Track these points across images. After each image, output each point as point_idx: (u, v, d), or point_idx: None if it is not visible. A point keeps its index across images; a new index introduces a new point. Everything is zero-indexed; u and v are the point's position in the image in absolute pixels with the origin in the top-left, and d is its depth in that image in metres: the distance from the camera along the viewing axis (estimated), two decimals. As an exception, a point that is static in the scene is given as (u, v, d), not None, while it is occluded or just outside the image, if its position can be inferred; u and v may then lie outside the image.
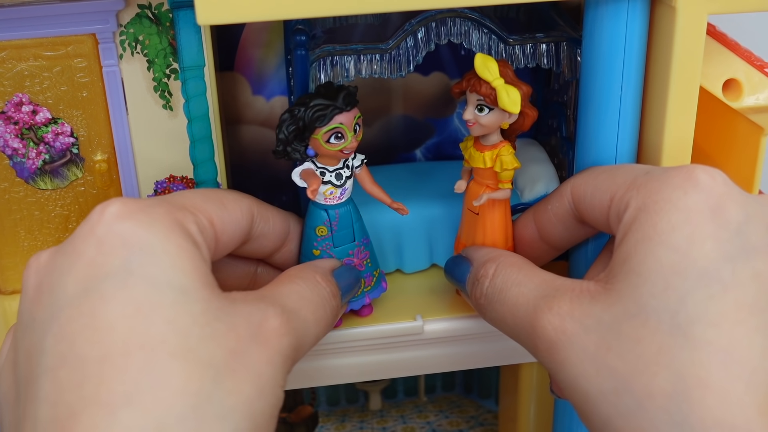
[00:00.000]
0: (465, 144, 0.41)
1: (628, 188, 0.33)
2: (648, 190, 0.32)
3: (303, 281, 0.36)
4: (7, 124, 0.42)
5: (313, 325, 0.35)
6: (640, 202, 0.32)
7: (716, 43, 0.46)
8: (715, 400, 0.29)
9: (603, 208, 0.35)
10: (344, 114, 0.37)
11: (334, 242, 0.40)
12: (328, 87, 0.38)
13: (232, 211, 0.36)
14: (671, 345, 0.30)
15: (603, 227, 0.36)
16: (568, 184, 0.38)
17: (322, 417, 0.67)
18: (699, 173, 0.32)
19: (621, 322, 0.31)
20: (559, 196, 0.38)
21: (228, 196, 0.36)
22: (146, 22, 0.40)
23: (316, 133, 0.37)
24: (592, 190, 0.36)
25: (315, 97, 0.37)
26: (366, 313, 0.43)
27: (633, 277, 0.31)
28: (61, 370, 0.29)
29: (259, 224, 0.38)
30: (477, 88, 0.37)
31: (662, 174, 0.33)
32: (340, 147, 0.38)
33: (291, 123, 0.37)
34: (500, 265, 0.37)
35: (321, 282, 0.37)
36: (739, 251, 0.31)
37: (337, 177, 0.39)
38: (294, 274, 0.36)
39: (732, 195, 0.31)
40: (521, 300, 0.35)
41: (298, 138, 0.38)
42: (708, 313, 0.30)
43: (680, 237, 0.31)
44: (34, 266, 0.32)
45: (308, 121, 0.37)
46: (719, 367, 0.29)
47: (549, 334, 0.33)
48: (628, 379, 0.30)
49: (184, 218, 0.32)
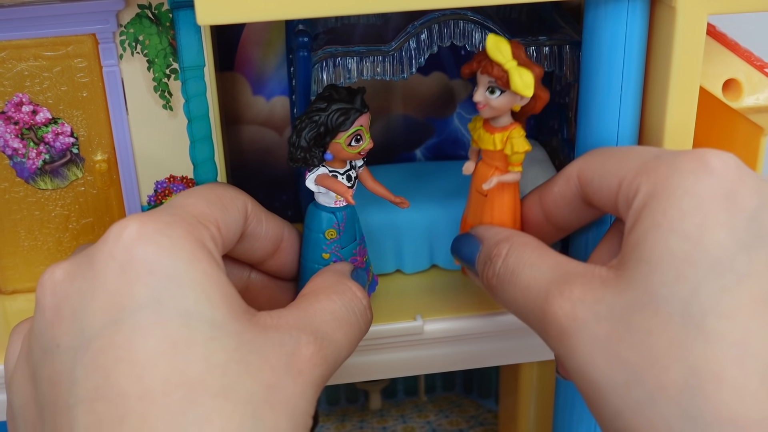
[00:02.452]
0: (474, 124, 0.39)
1: (637, 173, 0.32)
2: (658, 175, 0.31)
3: (339, 297, 0.35)
4: (7, 124, 0.42)
5: (345, 347, 0.34)
6: (651, 187, 0.31)
7: (716, 43, 0.46)
8: (730, 395, 0.28)
9: (611, 193, 0.34)
10: (363, 116, 0.37)
11: (342, 243, 0.40)
12: (339, 90, 0.37)
13: (231, 210, 0.36)
14: (683, 337, 0.29)
15: (611, 211, 0.35)
16: (575, 166, 0.37)
17: (322, 417, 0.67)
18: (711, 157, 0.30)
19: (632, 311, 0.30)
20: (565, 178, 0.37)
21: (226, 194, 0.36)
22: (146, 22, 0.40)
23: (339, 138, 0.37)
24: (600, 173, 0.35)
25: (333, 102, 0.37)
26: None
27: (643, 266, 0.30)
28: (98, 403, 0.29)
29: (251, 223, 0.38)
30: (489, 69, 0.36)
31: (673, 158, 0.32)
32: (360, 149, 0.38)
33: (311, 129, 0.37)
34: (513, 245, 0.36)
35: (358, 294, 0.36)
36: (754, 239, 0.30)
37: (348, 179, 0.39)
38: (329, 287, 0.35)
39: (746, 180, 0.30)
40: (533, 282, 0.34)
41: (317, 143, 0.38)
42: (721, 304, 0.29)
43: (692, 224, 0.30)
44: (50, 285, 0.31)
45: (332, 125, 0.37)
46: (733, 361, 0.28)
47: (560, 320, 0.32)
48: (640, 371, 0.30)
49: (202, 236, 0.32)
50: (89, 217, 0.45)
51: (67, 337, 0.30)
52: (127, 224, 0.30)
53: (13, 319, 0.45)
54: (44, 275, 0.32)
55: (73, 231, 0.45)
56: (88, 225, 0.45)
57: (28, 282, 0.46)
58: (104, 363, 0.29)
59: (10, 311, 0.45)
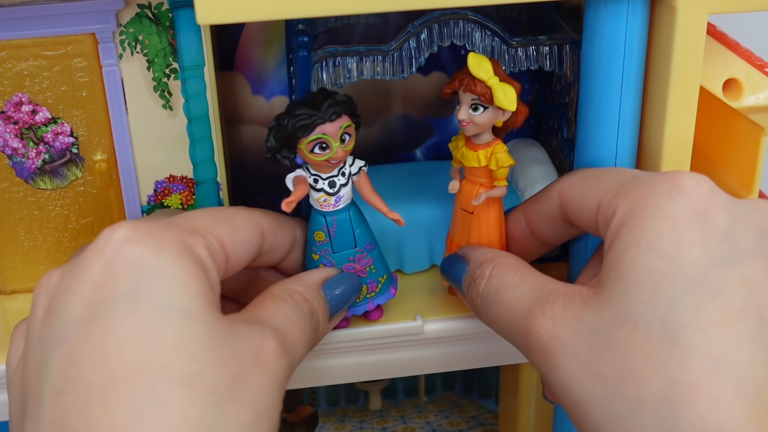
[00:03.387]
0: (455, 144, 0.40)
1: (615, 194, 0.33)
2: (635, 196, 0.32)
3: (284, 301, 0.36)
4: (6, 124, 0.42)
5: (300, 345, 0.35)
6: (628, 207, 0.32)
7: (716, 42, 0.46)
8: (705, 406, 0.29)
9: (591, 213, 0.35)
10: (328, 124, 0.36)
11: (333, 248, 0.39)
12: (317, 95, 0.37)
13: (243, 230, 0.36)
14: (661, 351, 0.30)
15: (591, 230, 0.36)
16: (556, 186, 0.38)
17: (322, 417, 0.67)
18: (685, 180, 0.32)
19: (611, 327, 0.31)
20: (547, 197, 0.39)
21: (238, 215, 0.36)
22: (146, 21, 0.40)
23: (300, 143, 0.37)
24: (580, 195, 0.36)
25: (300, 107, 0.36)
26: (375, 317, 0.42)
27: (622, 282, 0.31)
28: (66, 394, 0.29)
29: (269, 240, 0.38)
30: (471, 87, 0.37)
31: (649, 180, 0.33)
32: (326, 157, 0.37)
33: (277, 131, 0.37)
34: (497, 266, 0.37)
35: (301, 299, 0.36)
36: (727, 257, 0.31)
37: (330, 185, 0.38)
38: (276, 293, 0.36)
39: (718, 201, 0.32)
40: (516, 302, 0.35)
41: (287, 146, 0.37)
42: (697, 318, 0.30)
43: (668, 243, 0.31)
44: (44, 288, 0.32)
45: (291, 131, 0.36)
46: (708, 373, 0.29)
47: (542, 338, 0.33)
48: (619, 384, 0.30)
49: (194, 243, 0.32)
50: (89, 217, 0.45)
51: (49, 333, 0.31)
52: (119, 226, 0.31)
53: (12, 319, 0.44)
54: (42, 278, 0.33)
55: (73, 231, 0.45)
56: (88, 225, 0.45)
57: (27, 282, 0.46)
58: (78, 355, 0.29)
59: (10, 311, 0.45)
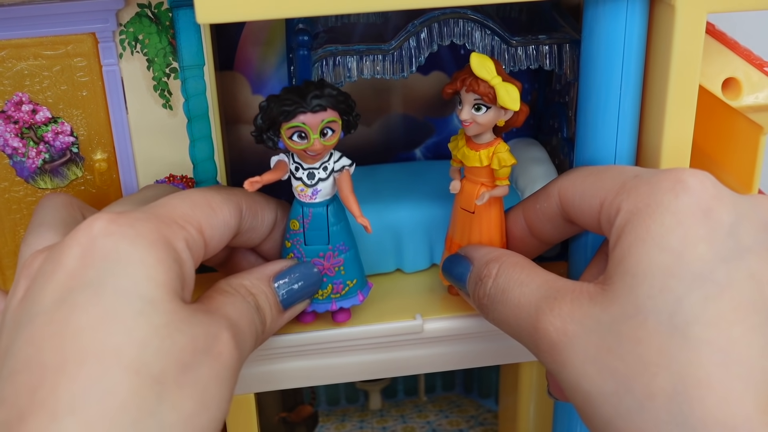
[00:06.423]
0: (455, 144, 0.40)
1: (617, 192, 0.34)
2: (639, 194, 0.33)
3: (231, 296, 0.36)
4: (6, 124, 0.42)
5: (249, 338, 0.35)
6: (632, 205, 0.33)
7: (715, 41, 0.46)
8: (715, 400, 0.29)
9: (593, 212, 0.35)
10: (309, 114, 0.36)
11: (306, 240, 0.39)
12: (309, 85, 0.37)
13: (220, 213, 0.36)
14: (670, 345, 0.30)
15: (594, 229, 0.36)
16: (556, 185, 0.38)
17: (322, 417, 0.67)
18: (687, 177, 0.32)
19: (620, 323, 0.31)
20: (546, 196, 0.39)
21: (216, 198, 0.36)
22: (146, 21, 0.40)
23: (282, 127, 0.37)
24: (581, 194, 0.36)
25: (289, 92, 0.37)
26: (340, 319, 0.42)
27: (629, 279, 0.31)
28: (22, 374, 0.29)
29: (247, 219, 0.38)
30: (474, 87, 0.37)
31: (651, 177, 0.33)
32: (303, 147, 0.37)
33: (264, 112, 0.37)
34: (503, 265, 0.37)
35: (246, 293, 0.37)
36: (732, 252, 0.31)
37: (309, 176, 0.38)
38: (222, 288, 0.36)
39: (722, 197, 0.32)
40: (523, 301, 0.35)
41: (272, 128, 0.37)
42: (705, 313, 0.30)
43: (674, 239, 0.31)
44: (27, 269, 0.33)
45: (275, 114, 0.37)
46: (718, 367, 0.29)
47: (551, 336, 0.33)
48: (629, 380, 0.31)
49: (172, 234, 0.33)
50: (89, 217, 0.45)
51: (23, 315, 0.31)
52: (99, 217, 0.32)
53: (12, 318, 0.45)
54: (28, 258, 0.33)
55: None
56: (88, 224, 0.45)
57: (27, 281, 0.46)
58: (39, 337, 0.30)
59: (10, 311, 0.45)
